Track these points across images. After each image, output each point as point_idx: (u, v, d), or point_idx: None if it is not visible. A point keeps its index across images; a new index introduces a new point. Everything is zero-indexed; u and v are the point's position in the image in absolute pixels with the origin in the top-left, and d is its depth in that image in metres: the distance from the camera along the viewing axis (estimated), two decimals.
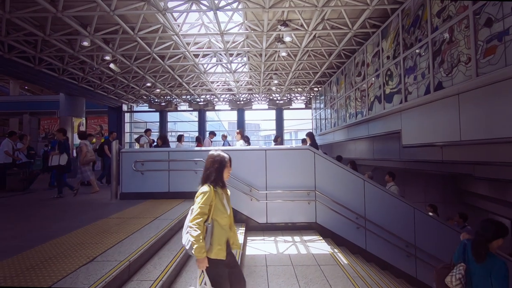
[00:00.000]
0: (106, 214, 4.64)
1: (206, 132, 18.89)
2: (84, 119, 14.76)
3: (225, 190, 2.40)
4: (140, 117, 20.60)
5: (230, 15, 7.43)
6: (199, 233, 2.11)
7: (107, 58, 9.75)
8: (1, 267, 2.51)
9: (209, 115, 20.85)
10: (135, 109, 19.71)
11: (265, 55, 10.01)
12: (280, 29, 7.82)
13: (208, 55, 10.60)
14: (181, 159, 5.96)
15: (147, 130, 9.91)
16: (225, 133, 11.05)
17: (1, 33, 7.50)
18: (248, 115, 19.46)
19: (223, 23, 7.47)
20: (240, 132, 7.88)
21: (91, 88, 13.54)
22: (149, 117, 20.38)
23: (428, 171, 8.27)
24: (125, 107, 18.57)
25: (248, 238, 5.28)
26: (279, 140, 10.42)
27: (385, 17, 7.25)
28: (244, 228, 5.38)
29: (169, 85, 14.24)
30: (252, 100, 18.56)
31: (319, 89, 15.55)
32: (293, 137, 22.95)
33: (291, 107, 19.21)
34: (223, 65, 11.40)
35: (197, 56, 10.17)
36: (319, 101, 15.84)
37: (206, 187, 2.25)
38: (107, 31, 7.74)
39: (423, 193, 10.39)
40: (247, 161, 5.83)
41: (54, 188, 7.51)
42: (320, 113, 15.49)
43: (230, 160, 2.41)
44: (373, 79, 7.94)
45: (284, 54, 9.82)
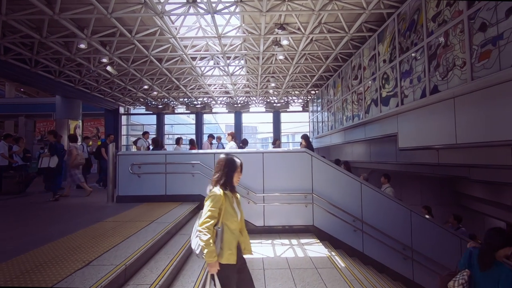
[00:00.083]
0: (102, 217, 4.61)
1: (203, 134, 18.88)
2: (80, 121, 14.68)
3: (235, 194, 2.38)
4: (137, 119, 20.47)
5: (227, 18, 7.46)
6: (209, 237, 2.08)
7: (104, 60, 9.73)
8: None
9: (207, 117, 20.87)
10: (132, 111, 19.62)
11: (263, 58, 10.05)
12: (277, 33, 7.86)
13: (205, 58, 10.61)
14: (178, 162, 5.94)
15: (145, 132, 9.91)
16: (220, 135, 10.96)
17: None
18: (245, 118, 19.47)
19: (220, 26, 7.49)
20: (231, 134, 7.71)
21: (87, 90, 13.47)
22: (146, 120, 20.24)
23: (424, 173, 8.32)
24: (122, 110, 18.45)
25: None
26: (278, 143, 10.41)
27: (381, 21, 7.32)
28: None
29: (166, 88, 14.22)
30: (249, 103, 18.61)
31: (316, 92, 15.61)
32: (290, 140, 23.02)
33: (288, 110, 19.32)
34: (221, 68, 11.41)
35: (194, 59, 10.17)
36: (316, 104, 15.90)
37: (215, 190, 2.23)
38: (104, 33, 7.72)
39: (420, 195, 10.44)
40: (244, 163, 5.79)
41: (50, 191, 7.46)
42: (317, 116, 15.54)
43: (241, 165, 2.39)
44: (370, 82, 8.00)
45: (281, 57, 9.88)
